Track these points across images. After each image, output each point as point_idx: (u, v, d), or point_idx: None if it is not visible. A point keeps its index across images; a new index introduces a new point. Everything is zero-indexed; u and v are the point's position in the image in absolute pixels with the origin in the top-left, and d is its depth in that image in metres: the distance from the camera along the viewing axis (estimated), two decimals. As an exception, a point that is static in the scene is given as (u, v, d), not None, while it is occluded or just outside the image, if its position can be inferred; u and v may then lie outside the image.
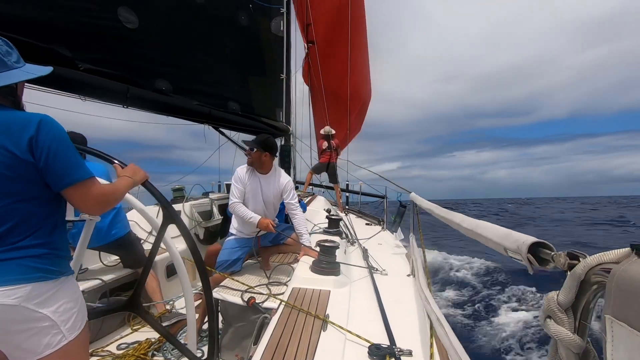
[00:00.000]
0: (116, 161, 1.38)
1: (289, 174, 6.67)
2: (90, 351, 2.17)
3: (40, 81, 2.39)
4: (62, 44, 2.73)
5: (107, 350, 2.41)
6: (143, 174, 1.35)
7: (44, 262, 1.02)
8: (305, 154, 7.23)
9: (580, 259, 0.53)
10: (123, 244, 2.77)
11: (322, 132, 6.52)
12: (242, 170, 2.62)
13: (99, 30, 3.09)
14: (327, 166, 6.34)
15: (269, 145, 2.61)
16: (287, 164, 6.53)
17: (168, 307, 2.99)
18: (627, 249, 0.46)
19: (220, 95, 4.59)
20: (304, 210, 3.74)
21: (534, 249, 0.64)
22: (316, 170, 6.44)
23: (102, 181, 1.46)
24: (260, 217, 2.53)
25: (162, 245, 1.50)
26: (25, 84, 1.17)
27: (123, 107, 3.43)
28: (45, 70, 1.12)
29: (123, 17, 3.28)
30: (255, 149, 2.56)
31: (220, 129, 5.21)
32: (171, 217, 1.46)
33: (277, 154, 6.43)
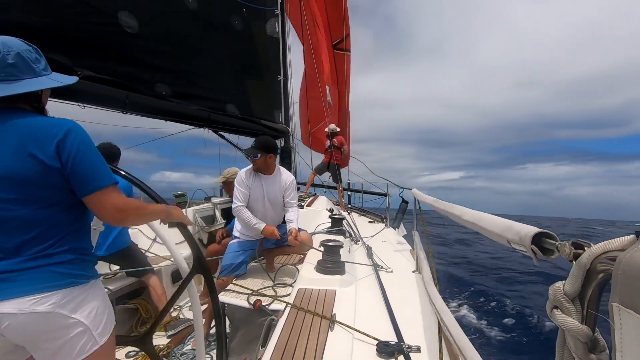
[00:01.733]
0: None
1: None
2: None
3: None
4: (61, 52, 2.72)
5: (116, 359, 2.42)
6: (180, 214, 1.36)
7: (73, 268, 1.03)
8: (305, 153, 7.22)
9: (586, 248, 0.52)
10: (127, 254, 2.78)
11: (326, 130, 6.52)
12: (245, 173, 2.60)
13: (99, 35, 3.09)
14: (327, 166, 6.33)
15: (271, 146, 2.59)
16: (287, 166, 6.53)
17: (174, 314, 3.00)
18: (632, 236, 0.45)
19: (218, 99, 4.60)
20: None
21: (538, 240, 0.63)
22: (318, 170, 6.43)
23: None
24: (265, 224, 2.51)
25: (165, 252, 1.50)
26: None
27: (122, 112, 3.44)
28: (71, 79, 1.13)
29: (124, 22, 3.28)
30: (259, 155, 2.52)
31: (220, 132, 5.21)
32: (200, 266, 1.49)
33: (278, 154, 6.49)
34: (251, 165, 2.62)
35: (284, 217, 2.71)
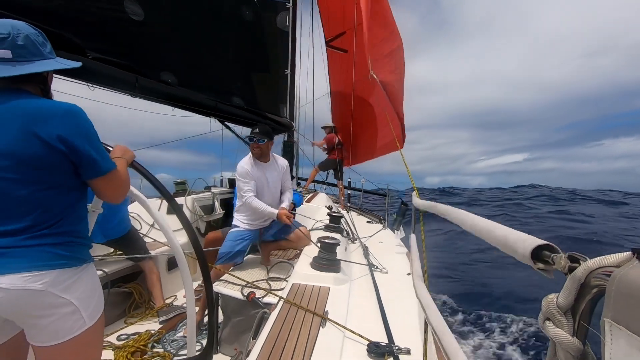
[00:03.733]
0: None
1: (292, 171, 6.70)
2: None
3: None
4: (71, 32, 2.72)
5: (107, 341, 2.44)
6: (131, 153, 1.35)
7: (68, 250, 1.05)
8: (308, 148, 7.20)
9: (581, 262, 0.53)
10: (128, 239, 2.81)
11: (330, 124, 6.51)
12: (246, 164, 2.63)
13: (106, 20, 3.09)
14: (335, 162, 6.33)
15: (272, 133, 2.70)
16: (290, 160, 6.54)
17: (168, 301, 3.02)
18: (629, 253, 0.45)
19: (224, 90, 4.59)
20: (300, 202, 3.78)
21: (537, 252, 0.63)
22: (325, 167, 6.39)
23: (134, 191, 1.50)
24: (276, 210, 2.58)
25: (163, 238, 1.51)
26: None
27: (131, 96, 3.45)
28: (76, 64, 1.16)
29: (129, 9, 3.27)
30: (265, 140, 2.60)
31: (226, 122, 5.22)
32: (172, 206, 1.47)
33: (282, 150, 6.49)
34: (247, 157, 2.66)
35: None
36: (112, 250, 2.95)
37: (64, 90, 2.82)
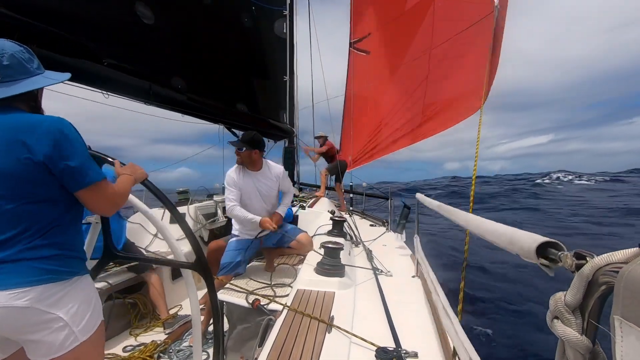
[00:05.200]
0: (115, 160, 1.37)
1: (293, 176, 6.70)
2: None
3: (72, 77, 2.52)
4: (86, 38, 2.72)
5: (113, 353, 2.43)
6: (142, 172, 1.35)
7: (53, 264, 1.03)
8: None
9: (588, 259, 0.52)
10: (127, 252, 2.79)
11: (322, 133, 6.55)
12: (233, 172, 2.62)
13: (118, 24, 3.09)
14: (345, 165, 6.35)
15: (257, 142, 2.62)
16: (290, 166, 6.53)
17: (172, 312, 3.01)
18: (636, 249, 0.45)
19: (230, 96, 4.62)
20: (290, 217, 3.72)
21: (543, 249, 0.63)
22: (334, 169, 6.36)
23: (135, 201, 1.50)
24: (260, 217, 2.54)
25: (166, 247, 1.50)
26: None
27: (145, 103, 3.47)
28: (64, 76, 1.15)
29: (140, 13, 3.28)
30: (244, 149, 2.56)
31: (233, 129, 5.25)
32: (176, 218, 1.46)
33: (281, 155, 6.49)
34: (235, 165, 2.66)
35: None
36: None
37: (82, 95, 2.85)
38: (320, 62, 7.57)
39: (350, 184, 7.60)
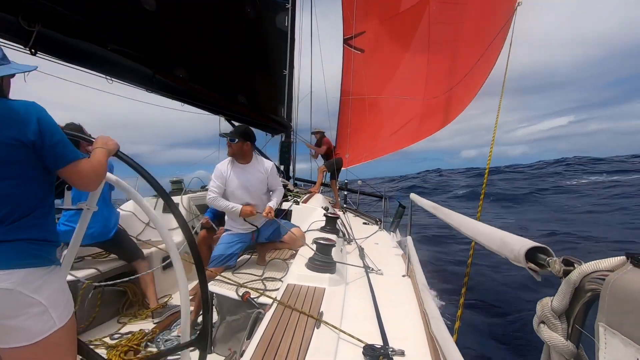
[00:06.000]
0: (91, 137, 1.38)
1: (288, 171, 6.69)
2: (84, 341, 2.18)
3: (76, 59, 2.54)
4: (90, 20, 2.64)
5: (100, 340, 2.42)
6: (114, 143, 1.35)
7: (37, 249, 1.06)
8: (303, 148, 7.18)
9: (576, 266, 0.53)
10: (118, 240, 2.78)
11: (319, 129, 6.55)
12: (222, 165, 2.62)
13: (121, 9, 3.03)
14: (341, 162, 6.36)
15: (249, 134, 2.64)
16: (287, 160, 6.52)
17: (162, 301, 3.00)
18: (622, 258, 0.46)
19: (230, 87, 4.57)
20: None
21: (532, 254, 0.64)
22: (331, 166, 6.35)
23: (123, 184, 1.49)
24: (241, 205, 2.55)
25: (158, 236, 1.49)
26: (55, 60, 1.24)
27: (147, 91, 3.44)
28: (31, 67, 1.19)
29: None
30: (236, 140, 2.57)
31: (232, 121, 5.21)
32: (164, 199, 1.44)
33: (279, 150, 6.47)
34: (227, 158, 2.65)
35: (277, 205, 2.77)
36: (101, 251, 2.91)
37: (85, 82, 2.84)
38: (321, 57, 7.52)
39: (346, 181, 7.61)
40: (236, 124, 5.29)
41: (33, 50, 2.16)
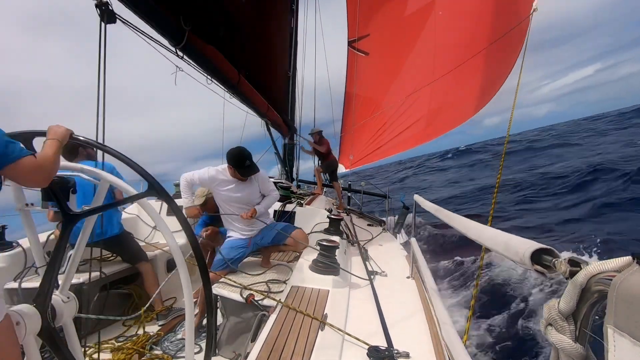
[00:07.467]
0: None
1: (292, 172, 6.69)
2: (89, 344, 2.19)
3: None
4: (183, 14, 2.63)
5: (107, 343, 2.43)
6: (63, 130, 1.32)
7: None
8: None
9: (582, 267, 0.52)
10: (119, 241, 2.79)
11: (317, 129, 6.56)
12: (216, 171, 2.60)
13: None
14: (337, 163, 6.35)
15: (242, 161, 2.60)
16: (290, 162, 6.53)
17: (167, 304, 3.01)
18: (629, 258, 0.45)
19: (271, 94, 4.66)
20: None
21: (537, 255, 0.63)
22: (328, 167, 6.35)
23: (112, 178, 1.45)
24: (190, 205, 2.63)
25: (162, 239, 1.49)
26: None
27: (230, 94, 3.63)
28: None
29: None
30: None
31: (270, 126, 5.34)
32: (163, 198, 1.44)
33: (282, 152, 6.48)
34: (223, 168, 2.62)
35: (273, 213, 2.73)
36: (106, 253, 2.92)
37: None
38: (325, 58, 7.55)
39: (349, 183, 7.61)
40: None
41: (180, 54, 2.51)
